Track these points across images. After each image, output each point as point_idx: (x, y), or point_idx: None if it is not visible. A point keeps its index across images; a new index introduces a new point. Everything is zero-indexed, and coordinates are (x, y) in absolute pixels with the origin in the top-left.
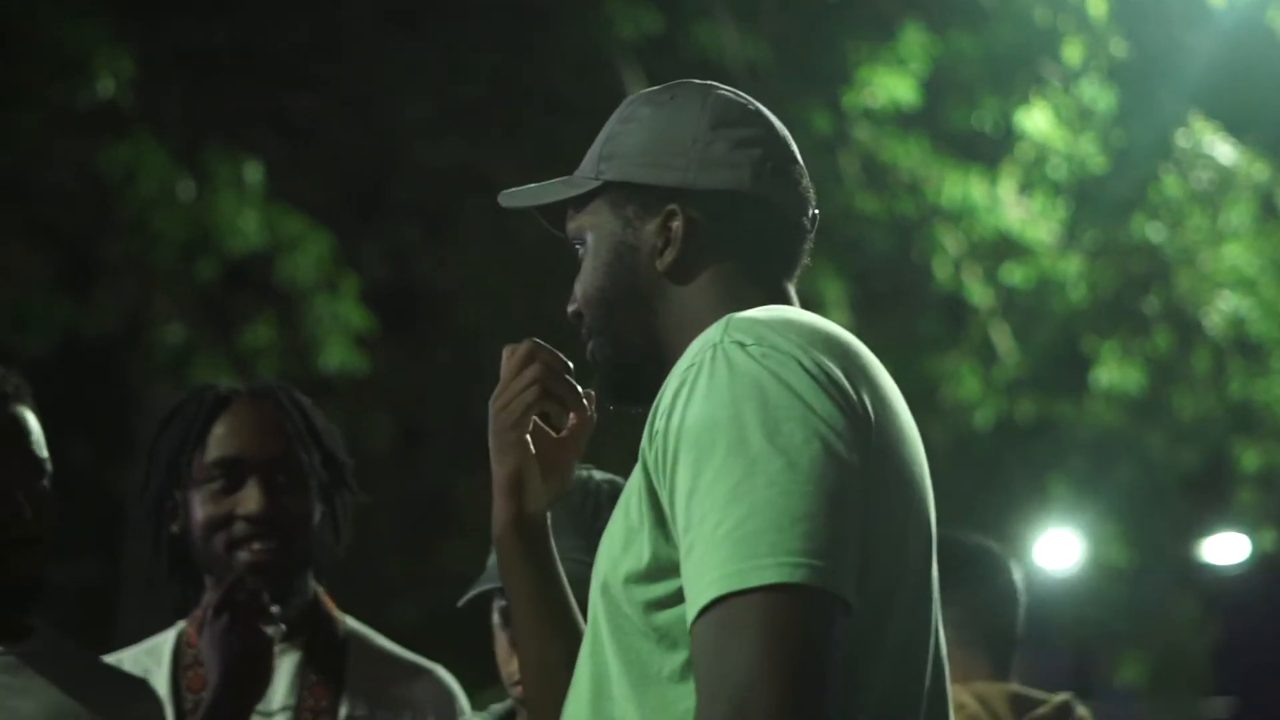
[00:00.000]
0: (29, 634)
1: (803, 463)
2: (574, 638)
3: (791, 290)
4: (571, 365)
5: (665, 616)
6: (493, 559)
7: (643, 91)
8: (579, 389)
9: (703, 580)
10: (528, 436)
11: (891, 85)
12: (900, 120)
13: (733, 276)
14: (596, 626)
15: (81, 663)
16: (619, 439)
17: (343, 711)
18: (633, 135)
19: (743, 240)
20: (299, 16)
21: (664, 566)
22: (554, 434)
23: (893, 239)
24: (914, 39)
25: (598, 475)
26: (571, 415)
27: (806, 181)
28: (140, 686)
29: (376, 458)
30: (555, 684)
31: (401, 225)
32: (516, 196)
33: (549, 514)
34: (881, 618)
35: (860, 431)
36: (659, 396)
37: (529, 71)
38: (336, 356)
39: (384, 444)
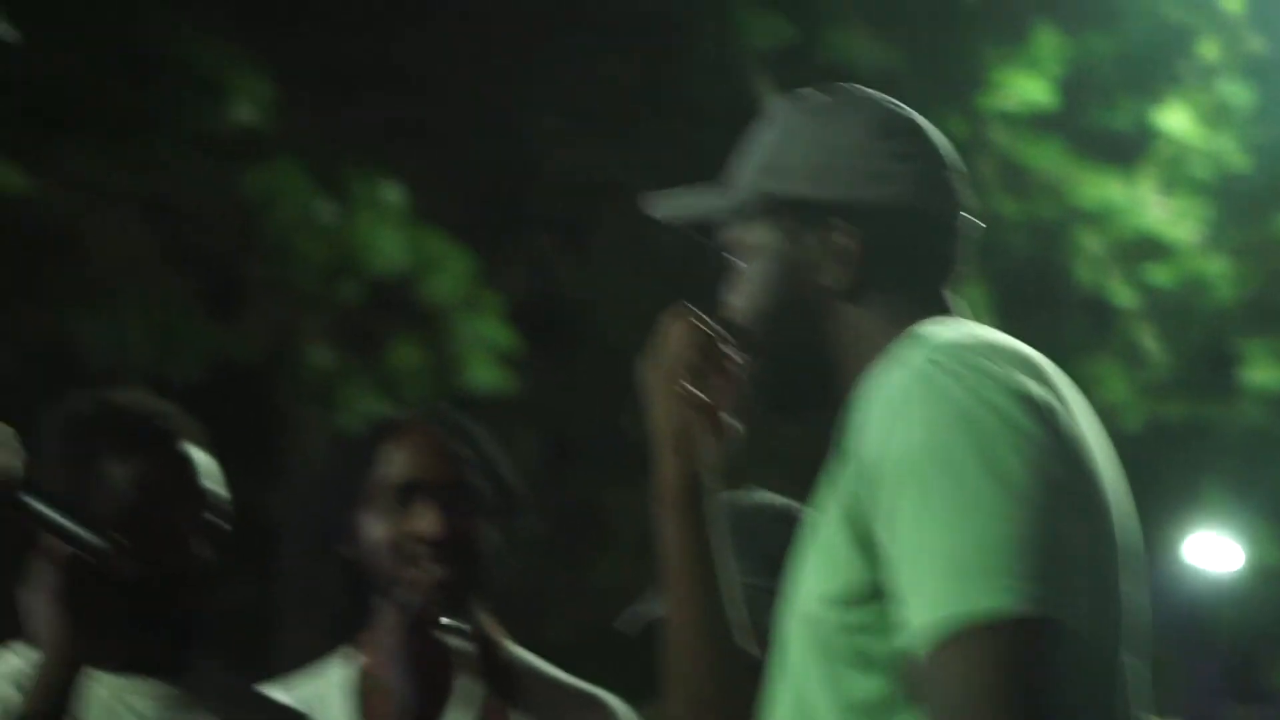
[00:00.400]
0: (189, 667)
1: (1021, 489)
2: (723, 627)
3: (955, 300)
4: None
5: (870, 642)
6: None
7: (794, 98)
8: (732, 353)
9: (925, 608)
10: (689, 392)
11: (1026, 87)
12: (1036, 122)
13: (898, 290)
14: (796, 652)
15: (243, 696)
16: (771, 454)
17: None
18: (793, 147)
19: (907, 253)
20: (434, 32)
21: (869, 592)
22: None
23: (1033, 242)
24: (1047, 40)
25: (759, 495)
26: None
27: (965, 189)
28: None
29: (525, 474)
30: (701, 658)
31: (541, 238)
32: (666, 206)
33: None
34: (1094, 641)
35: (1069, 453)
36: (856, 419)
37: (663, 80)
38: (482, 375)
39: (532, 460)
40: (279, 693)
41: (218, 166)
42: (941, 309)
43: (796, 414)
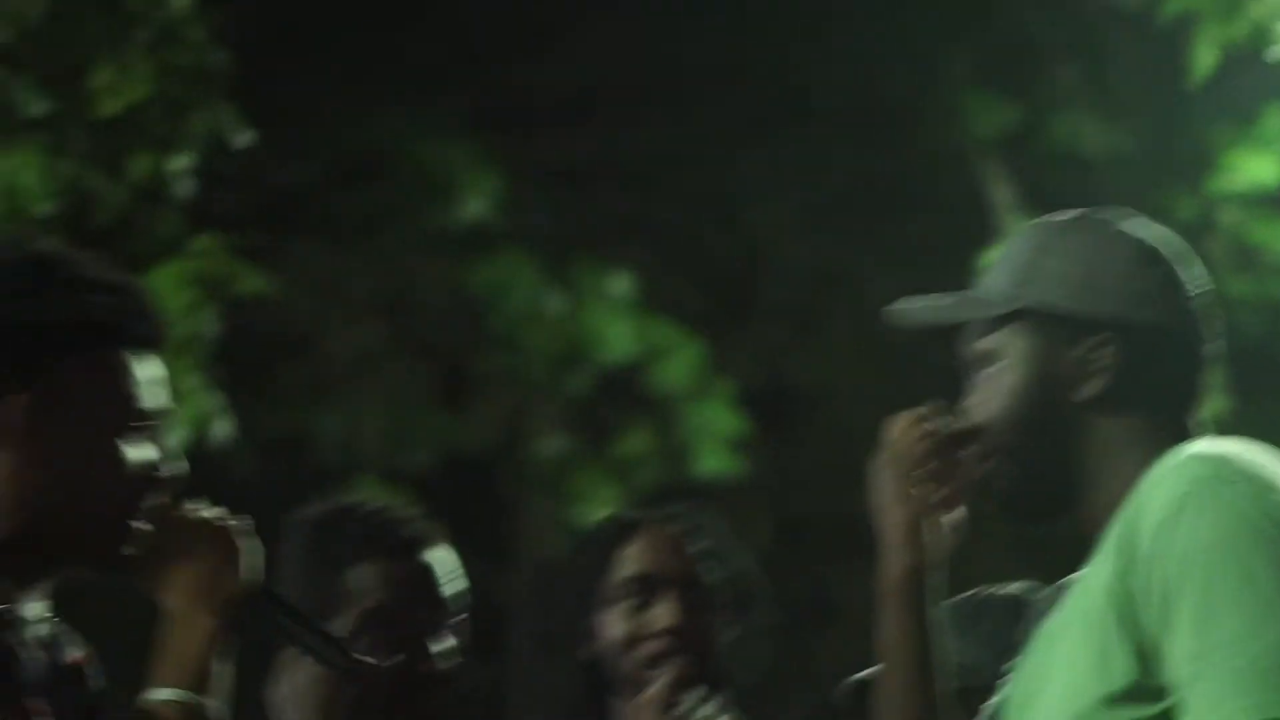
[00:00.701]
0: None
1: None
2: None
3: (1199, 424)
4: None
5: None
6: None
7: (1047, 220)
8: (966, 455)
9: (1222, 711)
10: (920, 487)
11: (1255, 168)
12: (1267, 201)
13: (1148, 410)
14: None
15: None
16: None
17: None
18: (1057, 263)
19: (1160, 375)
20: (658, 125)
21: (1146, 690)
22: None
23: (1267, 321)
24: (1276, 120)
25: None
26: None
27: (1209, 313)
28: None
29: (754, 558)
30: None
31: (770, 326)
32: (914, 313)
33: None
34: None
35: None
36: (1131, 523)
37: (890, 168)
38: (711, 461)
39: (762, 544)
40: None
41: (449, 262)
42: (1188, 430)
43: (1030, 520)
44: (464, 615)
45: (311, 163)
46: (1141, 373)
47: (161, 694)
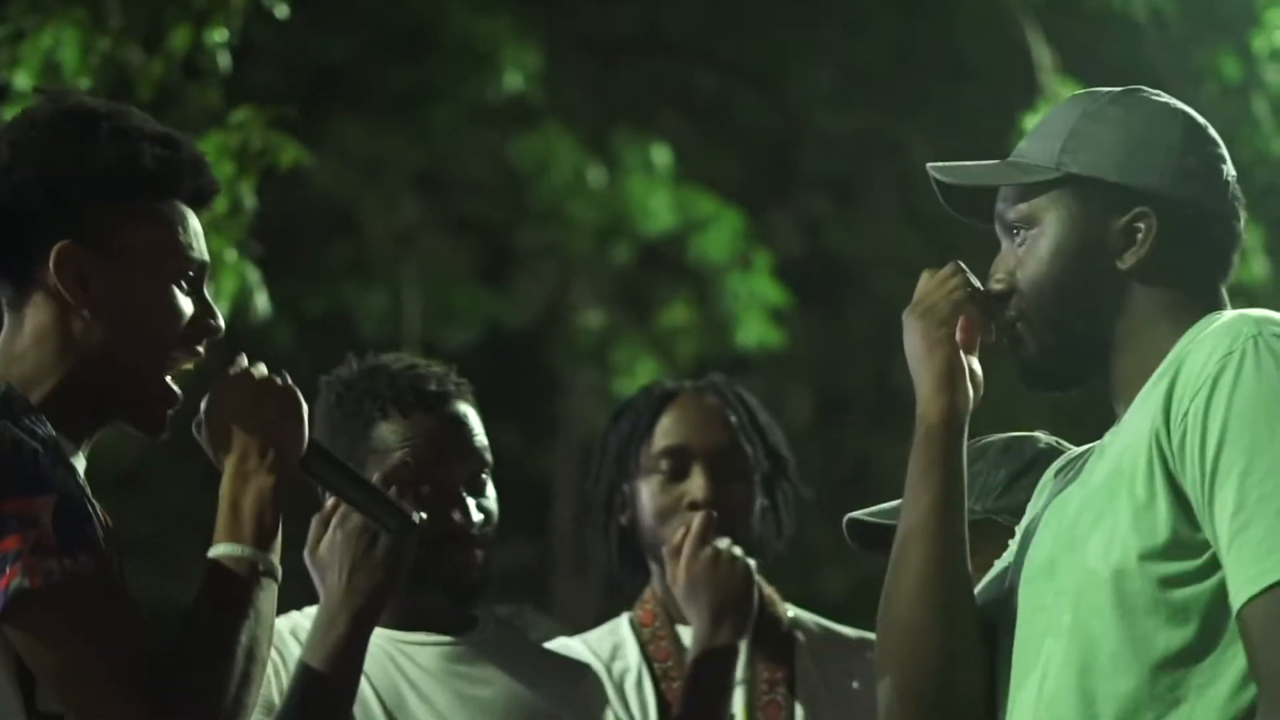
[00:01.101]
0: (475, 624)
1: None
2: (962, 575)
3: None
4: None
5: (1181, 593)
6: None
7: (1098, 91)
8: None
9: (1264, 564)
10: (954, 334)
11: None
12: None
13: (1182, 281)
14: (1083, 612)
15: (527, 650)
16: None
17: (798, 693)
18: (1104, 133)
19: (1197, 249)
20: None
21: (1183, 544)
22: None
23: None
24: None
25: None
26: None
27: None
28: (584, 670)
29: (796, 430)
30: (926, 603)
31: (810, 197)
32: (957, 173)
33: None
34: None
35: None
36: (1172, 383)
37: (928, 35)
38: (753, 332)
39: (803, 416)
40: (574, 643)
41: (489, 137)
42: (1222, 302)
43: (1057, 385)
44: (489, 469)
45: (351, 37)
46: (1180, 246)
47: (223, 549)
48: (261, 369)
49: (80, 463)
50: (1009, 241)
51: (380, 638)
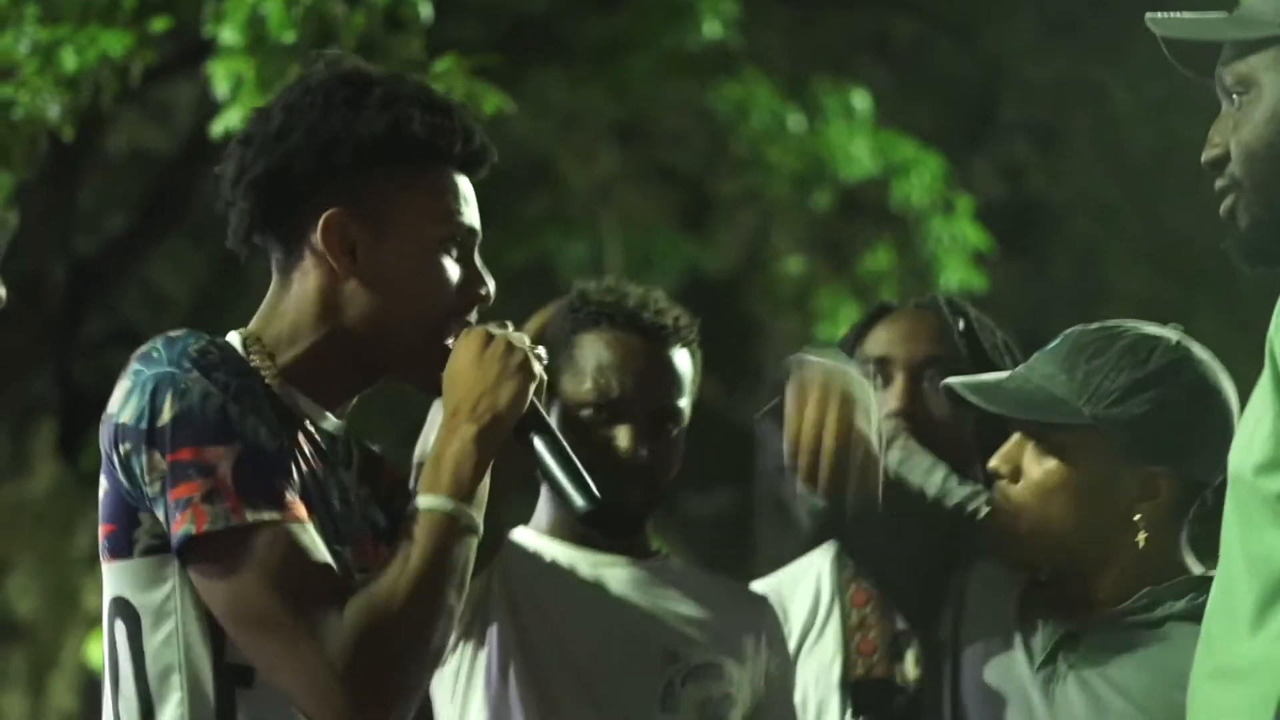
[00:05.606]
0: (654, 554)
1: None
2: None
3: None
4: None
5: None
6: None
7: None
8: None
9: None
10: None
11: None
12: None
13: None
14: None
15: (707, 579)
16: None
17: None
18: None
19: None
20: None
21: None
22: None
23: None
24: None
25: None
26: None
27: None
28: (761, 601)
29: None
30: None
31: (1012, 142)
32: (1173, 26)
33: None
34: None
35: None
36: None
37: None
38: (955, 276)
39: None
40: (758, 584)
41: (688, 85)
42: None
43: (1268, 260)
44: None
45: None
46: None
47: (427, 500)
48: (494, 328)
49: (329, 423)
50: (1227, 104)
51: (584, 561)
